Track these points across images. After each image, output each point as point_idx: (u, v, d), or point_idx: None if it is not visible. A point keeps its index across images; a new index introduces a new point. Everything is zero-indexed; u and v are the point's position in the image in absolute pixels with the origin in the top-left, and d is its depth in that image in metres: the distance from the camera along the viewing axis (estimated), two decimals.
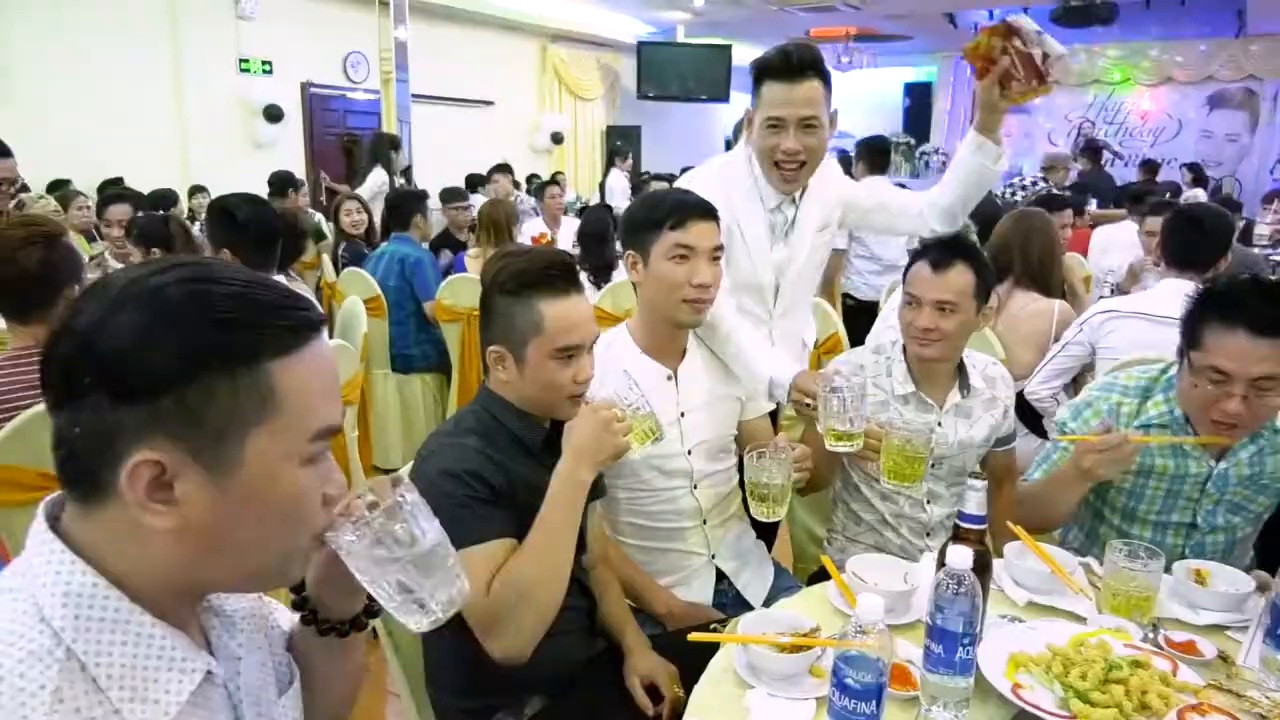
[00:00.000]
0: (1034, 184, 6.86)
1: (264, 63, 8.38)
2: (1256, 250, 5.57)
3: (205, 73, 7.84)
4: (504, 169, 7.69)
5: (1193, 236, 2.71)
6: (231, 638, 0.87)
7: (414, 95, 9.19)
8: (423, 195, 4.78)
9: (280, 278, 2.58)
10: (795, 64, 1.96)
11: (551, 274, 1.49)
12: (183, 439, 0.70)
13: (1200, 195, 7.72)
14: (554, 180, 7.14)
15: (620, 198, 8.52)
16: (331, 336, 3.38)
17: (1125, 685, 1.24)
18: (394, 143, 7.44)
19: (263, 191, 5.59)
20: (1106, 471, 1.67)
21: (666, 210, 1.79)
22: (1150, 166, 10.02)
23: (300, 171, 8.20)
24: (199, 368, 0.70)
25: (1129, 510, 1.85)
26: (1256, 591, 1.54)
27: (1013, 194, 6.63)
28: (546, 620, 1.39)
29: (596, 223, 4.34)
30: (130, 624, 0.73)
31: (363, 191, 6.26)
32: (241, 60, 8.20)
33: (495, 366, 1.53)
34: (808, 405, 1.82)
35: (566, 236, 5.72)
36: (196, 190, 6.97)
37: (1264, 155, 11.81)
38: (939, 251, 1.93)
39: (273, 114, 8.36)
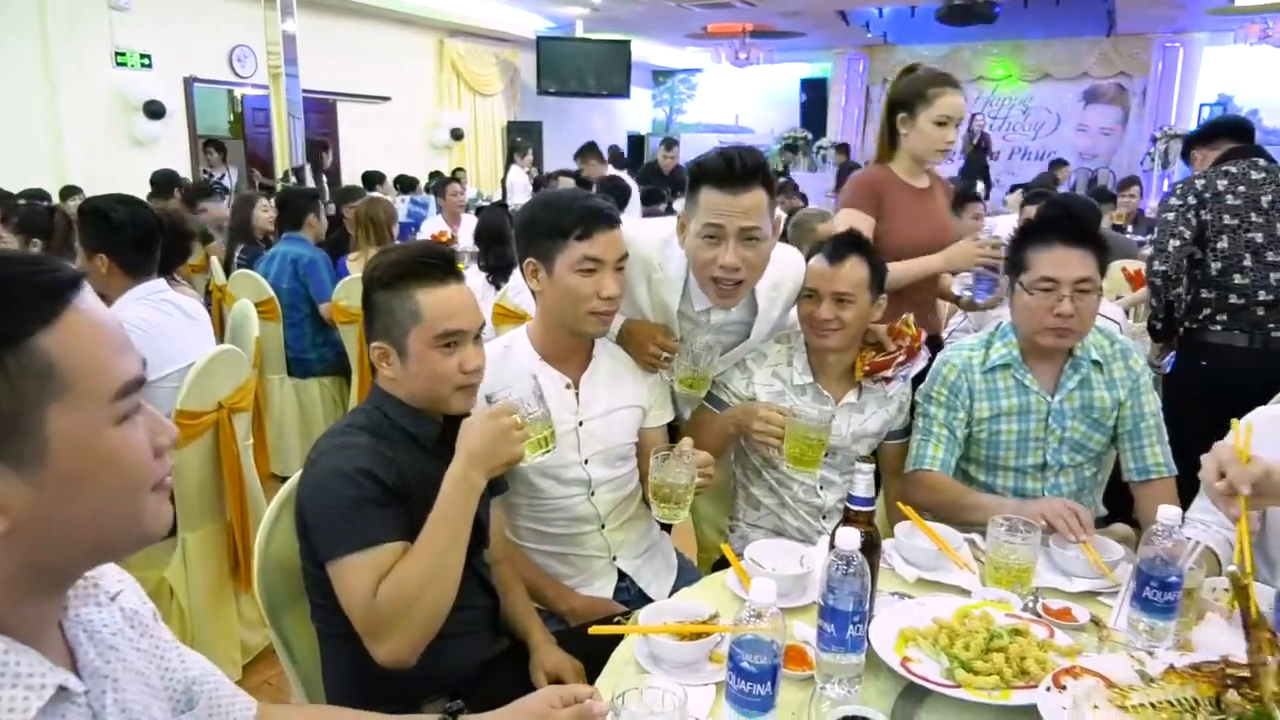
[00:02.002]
0: None
1: (142, 56, 8.00)
2: (1129, 235, 5.93)
3: (78, 66, 7.44)
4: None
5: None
6: (101, 656, 0.83)
7: (305, 91, 8.91)
8: (315, 194, 4.65)
9: (162, 281, 2.47)
10: (739, 171, 1.77)
11: (427, 263, 1.49)
12: None
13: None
14: (454, 178, 7.04)
15: (521, 194, 8.49)
16: (222, 341, 3.26)
17: (1006, 653, 1.30)
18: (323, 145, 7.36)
19: (144, 191, 5.34)
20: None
21: (573, 220, 1.71)
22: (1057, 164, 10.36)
23: (185, 170, 7.88)
24: None
25: (990, 461, 2.03)
26: (1124, 559, 1.64)
27: None
28: (435, 623, 1.38)
29: (494, 222, 4.30)
30: None
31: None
32: (118, 53, 7.81)
33: (380, 364, 1.50)
34: (664, 358, 1.93)
35: (467, 234, 5.64)
36: (70, 191, 6.60)
37: (1135, 147, 12.51)
38: (835, 246, 2.01)
39: (154, 110, 8.00)
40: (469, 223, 5.98)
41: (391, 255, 1.52)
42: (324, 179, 7.53)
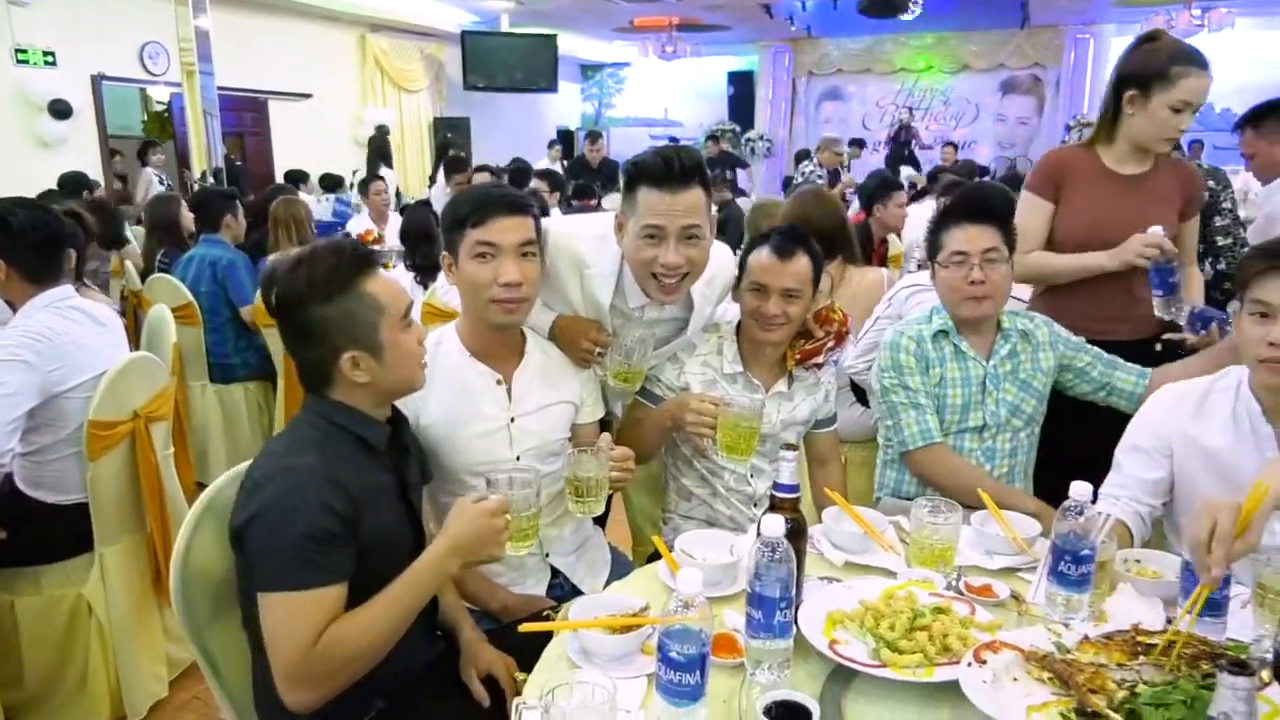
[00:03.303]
0: (810, 172, 7.35)
1: (45, 53, 7.65)
2: None
3: None
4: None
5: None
6: None
7: (225, 89, 8.65)
8: (232, 194, 4.50)
9: (69, 287, 2.37)
10: (677, 171, 1.77)
11: (358, 256, 1.47)
12: None
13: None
14: (377, 176, 6.91)
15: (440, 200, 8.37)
16: (137, 348, 3.15)
17: (929, 631, 1.34)
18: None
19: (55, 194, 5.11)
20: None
21: (469, 208, 1.72)
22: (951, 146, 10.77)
23: (95, 172, 7.59)
24: None
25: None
26: (1041, 535, 1.69)
27: (804, 180, 7.10)
28: (355, 678, 1.38)
29: (420, 220, 4.24)
30: None
31: None
32: (18, 50, 7.46)
33: (352, 373, 1.44)
34: (597, 353, 1.93)
35: (394, 233, 5.56)
36: None
37: (1050, 136, 12.90)
38: (783, 240, 2.01)
39: (59, 110, 7.66)
40: (395, 221, 5.89)
41: (321, 265, 1.43)
42: (248, 178, 7.34)
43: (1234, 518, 1.27)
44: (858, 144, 11.16)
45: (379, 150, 8.50)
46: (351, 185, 8.39)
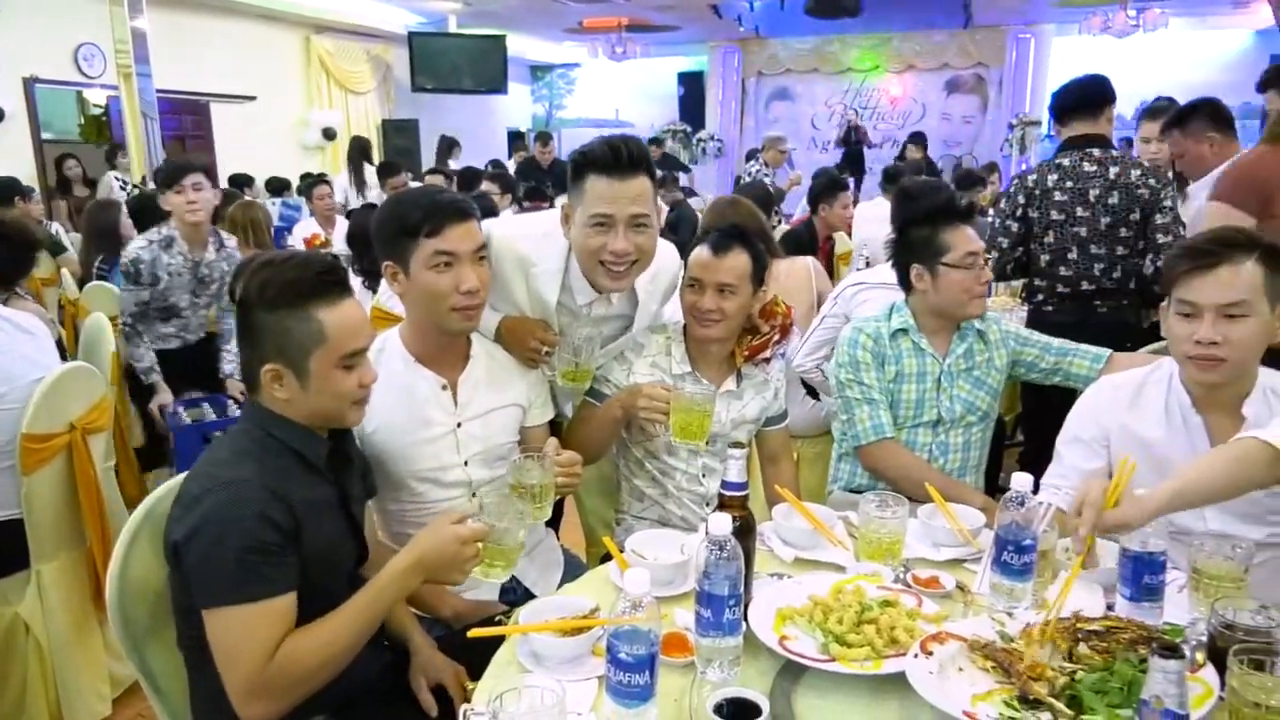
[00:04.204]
0: (757, 171, 7.46)
1: None
2: (990, 219, 6.25)
3: None
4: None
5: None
6: None
7: (164, 91, 8.45)
8: None
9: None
10: (625, 159, 1.78)
11: (326, 280, 1.42)
12: None
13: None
14: (322, 179, 6.81)
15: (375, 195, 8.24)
16: (75, 358, 3.06)
17: (877, 624, 1.35)
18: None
19: None
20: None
21: (420, 216, 1.67)
22: (916, 138, 10.86)
23: (29, 178, 7.37)
24: None
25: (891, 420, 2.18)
26: (986, 526, 1.72)
27: (750, 179, 7.28)
28: (312, 691, 1.36)
29: (367, 224, 4.18)
30: None
31: None
32: None
33: (271, 386, 1.41)
34: (544, 352, 1.93)
35: (341, 237, 5.48)
36: None
37: (994, 134, 13.15)
38: (718, 236, 2.04)
39: None
40: (342, 225, 5.81)
41: (285, 272, 1.39)
42: None
43: (1104, 488, 1.39)
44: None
45: (361, 151, 8.30)
46: (298, 189, 8.25)
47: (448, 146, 9.29)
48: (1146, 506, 1.38)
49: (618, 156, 1.78)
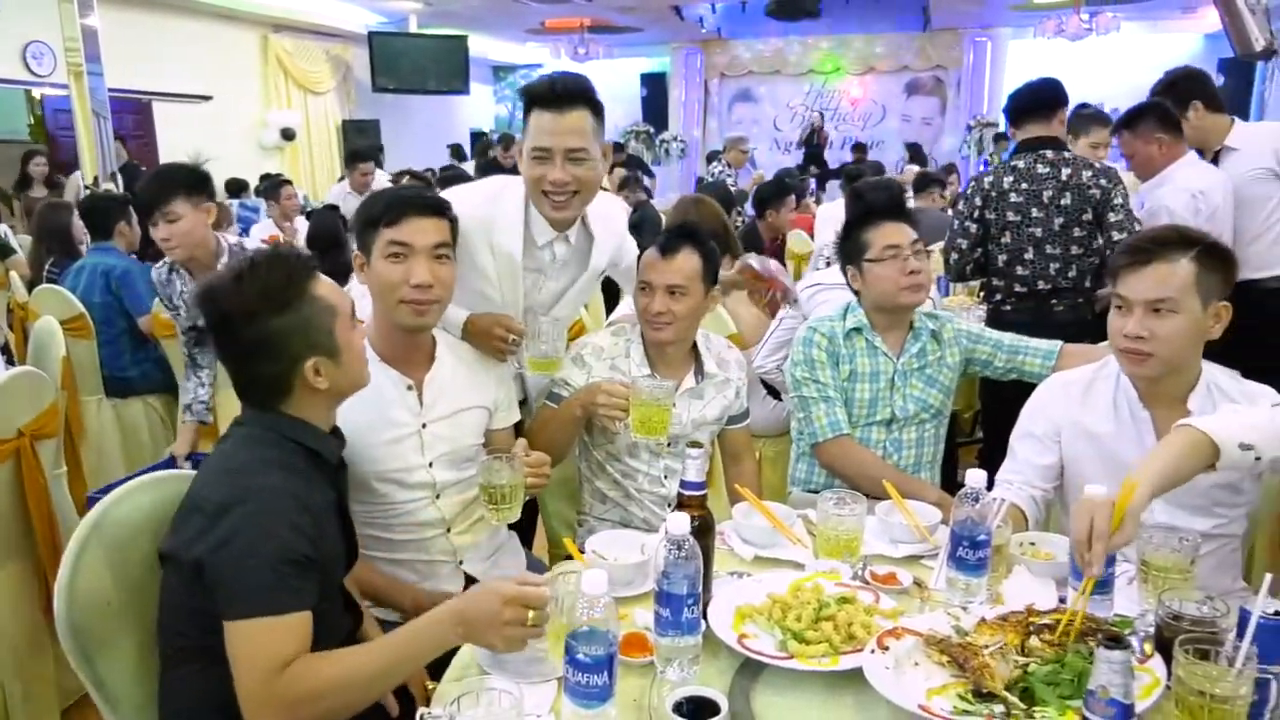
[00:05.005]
0: (720, 172, 7.52)
1: None
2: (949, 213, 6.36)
3: None
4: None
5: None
6: None
7: (115, 90, 8.27)
8: (126, 200, 4.31)
9: None
10: (560, 92, 1.87)
11: (305, 259, 1.45)
12: None
13: (914, 169, 8.81)
14: (286, 180, 6.76)
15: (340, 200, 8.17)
16: (23, 362, 2.99)
17: (834, 621, 1.36)
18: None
19: None
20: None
21: (382, 207, 1.73)
22: (859, 147, 11.11)
23: None
24: None
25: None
26: (942, 523, 1.75)
27: (713, 180, 7.33)
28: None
29: (329, 226, 4.16)
30: None
31: None
32: None
33: (315, 380, 1.40)
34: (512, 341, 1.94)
35: (301, 239, 5.43)
36: None
37: (953, 136, 13.35)
38: (669, 238, 2.05)
39: None
40: (302, 226, 5.75)
41: (275, 274, 1.38)
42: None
43: (1109, 514, 1.32)
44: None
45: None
46: (257, 190, 8.13)
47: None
48: (1138, 514, 1.34)
49: (553, 89, 1.87)
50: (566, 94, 1.87)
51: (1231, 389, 1.71)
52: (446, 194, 1.95)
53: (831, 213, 5.54)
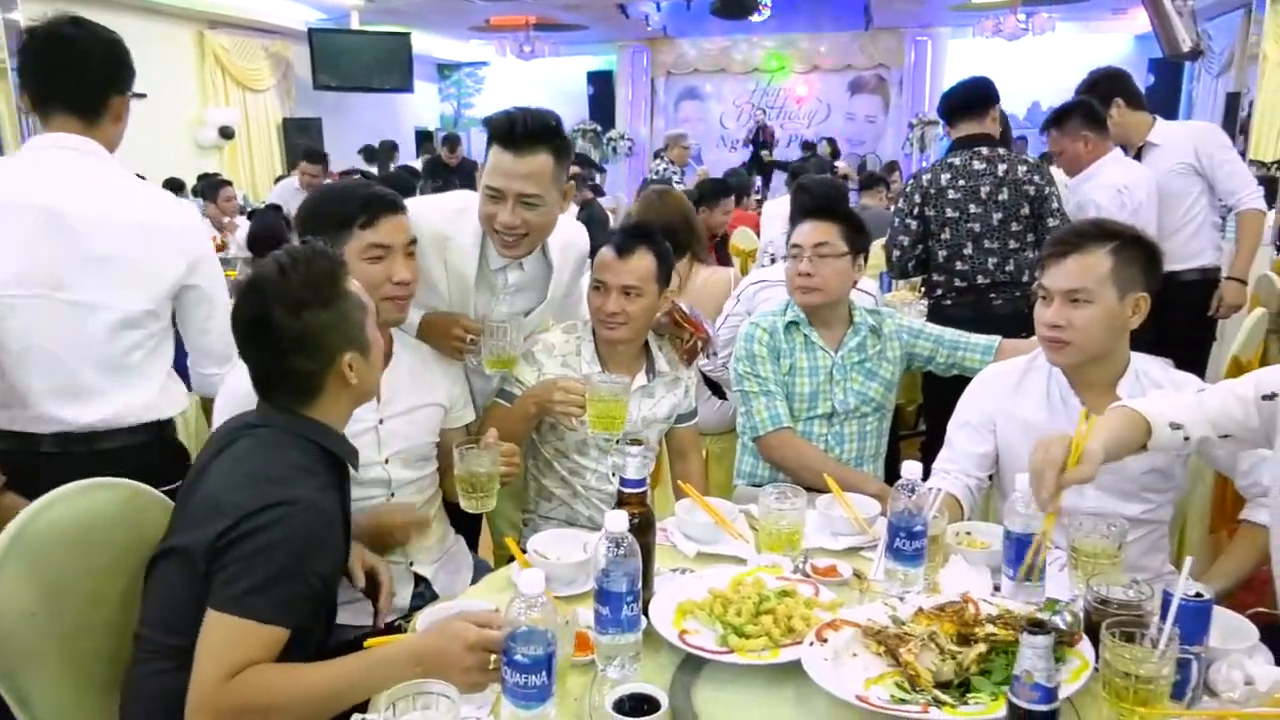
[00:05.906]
0: (664, 169, 7.56)
1: None
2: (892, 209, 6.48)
3: None
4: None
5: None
6: None
7: None
8: None
9: None
10: (520, 134, 1.79)
11: (341, 258, 1.47)
12: None
13: (840, 164, 8.92)
14: (225, 181, 6.62)
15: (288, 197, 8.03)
16: None
17: (774, 615, 1.37)
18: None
19: None
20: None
21: (356, 208, 1.71)
22: (808, 146, 11.26)
23: None
24: None
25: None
26: (881, 514, 1.77)
27: (657, 177, 7.37)
28: None
29: (272, 226, 4.09)
30: None
31: None
32: None
33: (350, 376, 1.39)
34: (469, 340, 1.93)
35: (241, 240, 5.31)
36: None
37: (896, 134, 13.55)
38: (622, 238, 2.05)
39: None
40: (242, 227, 5.63)
41: (317, 265, 1.38)
42: None
43: (1065, 446, 1.38)
44: None
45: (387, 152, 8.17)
46: (194, 190, 7.94)
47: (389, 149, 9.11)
48: (1095, 460, 1.38)
49: (513, 130, 1.80)
50: (526, 136, 1.80)
51: (1160, 376, 1.77)
52: (409, 205, 1.92)
53: (776, 210, 5.59)
